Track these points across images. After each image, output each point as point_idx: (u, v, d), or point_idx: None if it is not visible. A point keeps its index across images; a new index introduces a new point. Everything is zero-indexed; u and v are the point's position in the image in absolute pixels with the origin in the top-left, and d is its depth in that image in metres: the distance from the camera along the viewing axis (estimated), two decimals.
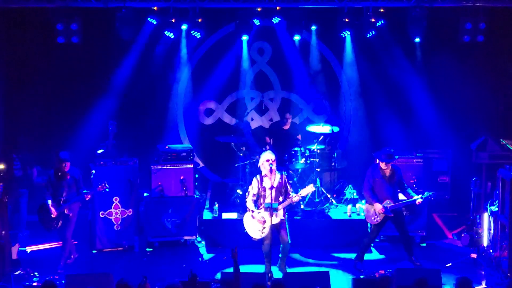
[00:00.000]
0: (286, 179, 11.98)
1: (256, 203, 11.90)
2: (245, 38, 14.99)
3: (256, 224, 11.86)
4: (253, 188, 11.89)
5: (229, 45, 15.67)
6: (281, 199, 11.82)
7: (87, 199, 12.52)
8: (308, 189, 12.00)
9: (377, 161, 12.50)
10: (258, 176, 11.94)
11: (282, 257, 12.04)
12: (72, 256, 12.74)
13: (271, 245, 11.91)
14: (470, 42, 14.26)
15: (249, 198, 11.96)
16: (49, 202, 12.37)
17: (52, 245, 13.68)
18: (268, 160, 11.74)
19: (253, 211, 11.87)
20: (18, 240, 12.50)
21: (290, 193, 11.91)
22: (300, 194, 11.93)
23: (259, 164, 11.97)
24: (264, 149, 14.22)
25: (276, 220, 11.74)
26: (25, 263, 12.23)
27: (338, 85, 16.13)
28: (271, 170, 11.76)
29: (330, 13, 14.66)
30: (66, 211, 12.39)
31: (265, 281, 10.85)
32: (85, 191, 12.45)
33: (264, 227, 11.81)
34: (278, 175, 11.85)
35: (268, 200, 11.73)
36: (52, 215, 12.35)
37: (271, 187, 11.70)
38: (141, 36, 14.90)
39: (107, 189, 12.68)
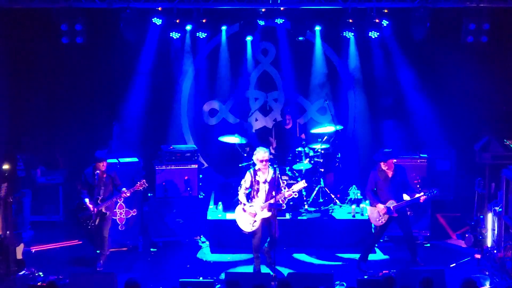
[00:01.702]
0: (279, 174, 12.19)
1: (249, 197, 12.11)
2: (249, 38, 15.05)
3: (247, 217, 12.07)
4: (246, 182, 12.12)
5: (233, 46, 15.69)
6: (274, 193, 11.97)
7: (124, 196, 12.52)
8: (300, 185, 12.20)
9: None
10: (251, 170, 12.18)
11: (267, 248, 12.23)
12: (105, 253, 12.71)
13: (261, 240, 12.14)
14: (474, 42, 14.23)
15: (241, 191, 12.18)
16: (87, 200, 12.38)
17: (56, 245, 13.73)
18: (262, 161, 11.98)
19: (244, 204, 12.07)
20: (22, 240, 12.52)
21: (282, 188, 12.13)
22: (292, 189, 12.11)
23: (254, 158, 12.17)
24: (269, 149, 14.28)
25: (267, 214, 11.95)
26: (30, 263, 12.24)
27: (342, 86, 16.13)
28: (265, 166, 12.02)
29: (334, 14, 14.67)
30: (103, 210, 12.40)
31: (268, 281, 10.85)
32: (123, 188, 12.47)
33: (255, 221, 12.02)
34: (271, 170, 12.08)
35: (262, 193, 11.96)
36: (91, 213, 12.34)
37: (265, 181, 11.99)
38: (145, 36, 14.92)
39: (145, 187, 12.68)
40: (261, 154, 12.01)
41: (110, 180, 12.50)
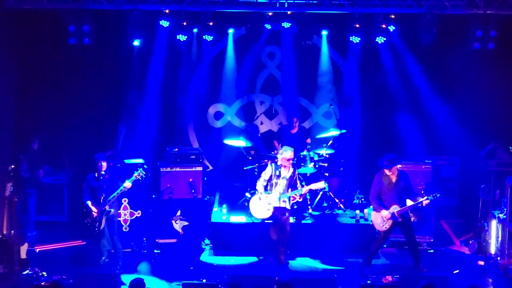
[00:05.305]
0: (297, 173, 12.82)
1: (266, 188, 12.75)
2: (255, 42, 15.08)
3: (263, 205, 12.76)
4: (266, 174, 12.81)
5: (239, 49, 15.72)
6: (290, 190, 12.64)
7: (126, 187, 12.51)
8: (319, 185, 12.84)
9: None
10: (274, 164, 12.78)
11: (280, 248, 12.59)
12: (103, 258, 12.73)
13: (277, 230, 12.69)
14: (481, 49, 14.23)
15: (260, 181, 12.85)
16: (89, 202, 12.49)
17: (60, 245, 13.76)
18: (289, 160, 12.60)
19: (261, 193, 12.75)
20: (26, 239, 12.55)
21: (298, 187, 12.72)
22: (310, 187, 12.71)
23: (279, 156, 12.72)
24: (273, 153, 14.34)
25: (281, 204, 12.54)
26: (34, 262, 12.27)
27: (348, 90, 16.13)
28: (289, 164, 12.66)
29: (340, 19, 14.70)
30: (107, 208, 12.45)
31: (271, 284, 10.83)
32: (120, 183, 12.51)
33: (268, 209, 12.67)
34: (291, 168, 12.68)
35: (280, 188, 12.57)
36: (93, 214, 12.40)
37: (283, 177, 12.60)
38: (152, 39, 14.95)
39: (143, 176, 12.71)
40: (289, 153, 12.65)
41: (112, 179, 12.56)
